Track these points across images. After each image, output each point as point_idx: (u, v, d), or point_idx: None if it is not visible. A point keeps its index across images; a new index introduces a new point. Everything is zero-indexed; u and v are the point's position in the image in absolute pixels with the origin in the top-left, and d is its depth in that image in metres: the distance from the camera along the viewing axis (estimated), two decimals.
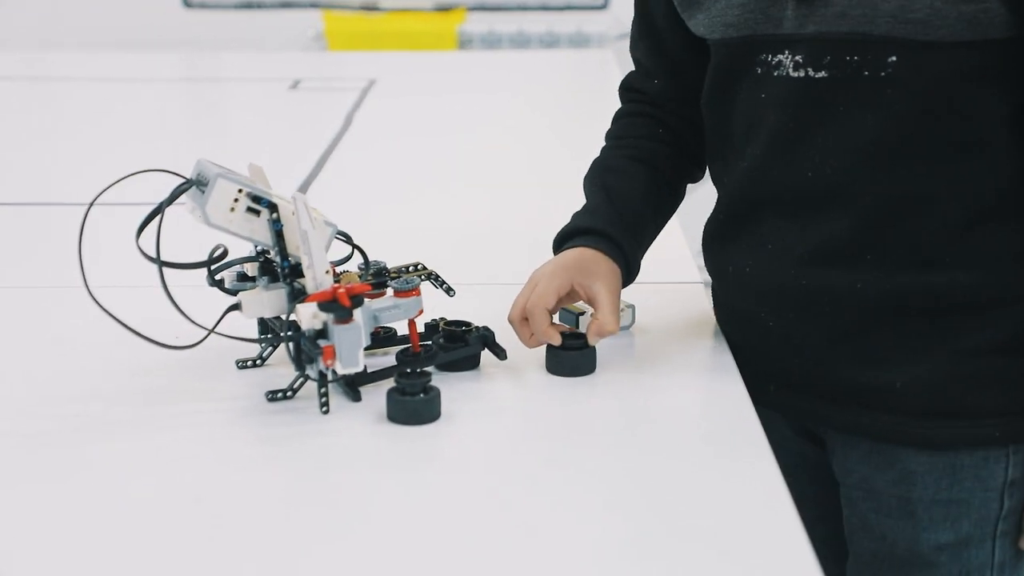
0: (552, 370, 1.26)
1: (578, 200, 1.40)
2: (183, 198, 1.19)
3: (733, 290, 1.35)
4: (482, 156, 2.43)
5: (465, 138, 2.61)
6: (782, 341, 1.30)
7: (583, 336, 1.26)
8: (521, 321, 1.27)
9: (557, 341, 1.25)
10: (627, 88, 1.50)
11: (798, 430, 1.39)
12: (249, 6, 4.23)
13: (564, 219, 1.40)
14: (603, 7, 4.11)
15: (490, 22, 4.12)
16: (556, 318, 1.30)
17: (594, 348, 1.27)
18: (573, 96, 3.25)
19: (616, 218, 1.35)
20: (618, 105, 1.51)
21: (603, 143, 1.48)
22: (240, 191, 1.17)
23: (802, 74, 1.23)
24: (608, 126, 1.50)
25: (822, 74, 1.22)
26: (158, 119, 2.93)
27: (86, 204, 1.18)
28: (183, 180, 1.19)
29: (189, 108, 3.23)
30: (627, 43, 1.51)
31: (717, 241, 1.37)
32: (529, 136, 2.62)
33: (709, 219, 1.39)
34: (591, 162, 1.44)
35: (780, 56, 1.25)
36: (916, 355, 1.25)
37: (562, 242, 1.36)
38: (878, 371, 1.26)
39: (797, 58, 1.23)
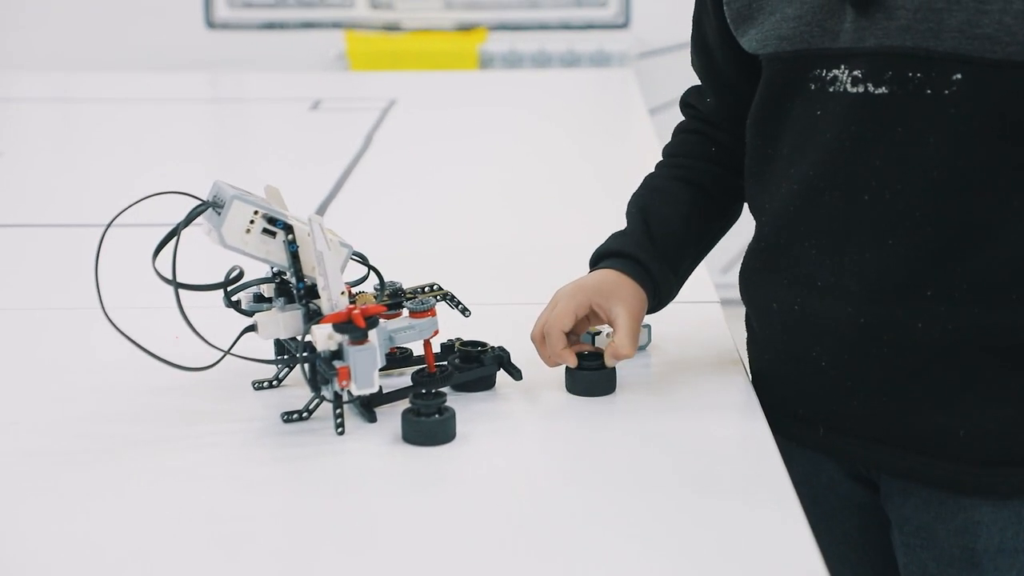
0: (571, 390, 1.26)
1: (598, 220, 1.40)
2: (199, 220, 1.19)
3: (777, 327, 1.29)
4: (501, 175, 2.44)
5: (485, 157, 2.61)
6: (835, 382, 1.24)
7: (601, 356, 1.26)
8: (541, 340, 1.27)
9: (573, 363, 1.25)
10: (684, 104, 1.47)
11: (849, 472, 1.32)
12: (272, 26, 4.25)
13: (583, 239, 1.40)
14: (624, 26, 4.12)
15: (511, 41, 4.13)
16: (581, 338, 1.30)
17: (613, 369, 1.27)
18: (594, 115, 3.25)
19: (648, 242, 1.33)
20: (636, 123, 1.51)
21: (628, 159, 1.46)
22: (256, 213, 1.18)
23: (861, 90, 1.18)
24: (627, 146, 1.49)
25: (882, 90, 1.16)
26: (181, 140, 2.95)
27: (103, 225, 1.19)
28: (199, 202, 1.20)
29: (211, 128, 3.25)
30: (648, 62, 1.50)
31: (757, 274, 1.31)
32: (549, 155, 2.62)
33: (748, 250, 1.33)
34: (643, 178, 1.42)
35: (835, 71, 1.20)
36: (981, 399, 1.19)
37: (595, 263, 1.35)
38: (940, 416, 1.20)
39: (856, 73, 1.18)
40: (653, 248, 1.32)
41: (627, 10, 4.12)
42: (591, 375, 1.25)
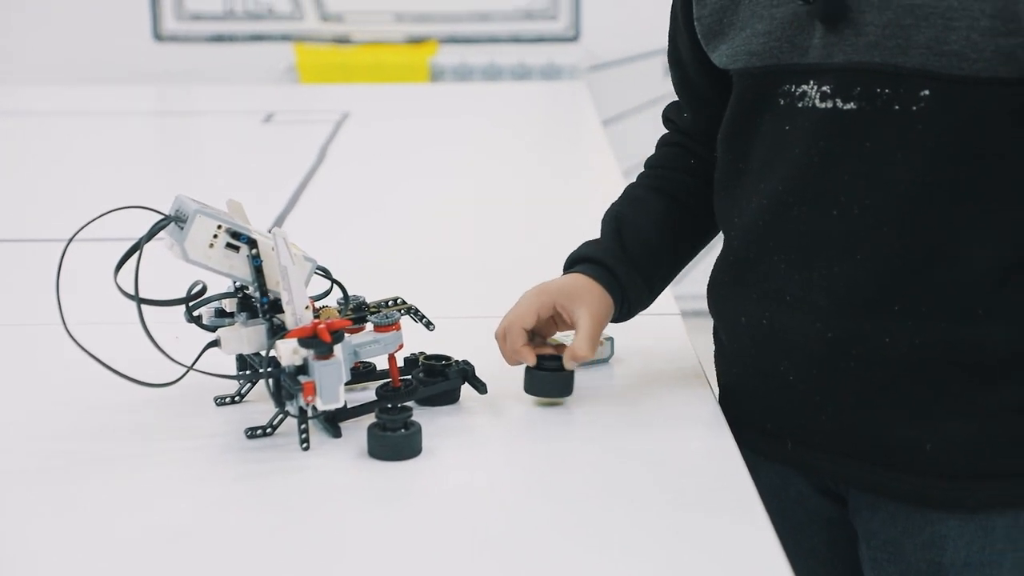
0: (528, 390, 1.26)
1: (558, 231, 1.41)
2: (162, 234, 1.18)
3: (746, 341, 1.29)
4: (458, 188, 2.44)
5: (439, 170, 2.62)
6: (803, 397, 1.24)
7: (560, 358, 1.26)
8: (503, 338, 1.27)
9: (531, 361, 1.25)
10: (665, 118, 1.48)
11: (817, 486, 1.32)
12: (220, 39, 4.23)
13: (544, 251, 1.40)
14: (575, 39, 4.14)
15: (462, 54, 4.14)
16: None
17: (571, 372, 1.27)
18: (548, 128, 3.27)
19: (619, 249, 1.34)
20: (590, 135, 1.50)
21: (584, 170, 1.47)
22: (219, 227, 1.17)
23: (830, 105, 1.19)
24: (582, 157, 1.50)
25: (851, 106, 1.17)
26: (133, 153, 2.92)
27: (62, 240, 1.18)
28: (162, 216, 1.19)
29: (163, 142, 3.23)
30: (599, 75, 1.51)
31: (726, 287, 1.32)
32: (505, 168, 2.63)
33: (716, 263, 1.34)
34: (624, 189, 1.44)
35: (804, 86, 1.21)
36: (948, 414, 1.19)
37: (567, 269, 1.36)
38: (907, 430, 1.20)
39: (824, 88, 1.19)
40: (623, 255, 1.33)
41: (577, 23, 4.15)
42: (547, 376, 1.25)
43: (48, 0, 4.26)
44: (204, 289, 1.22)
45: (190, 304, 1.22)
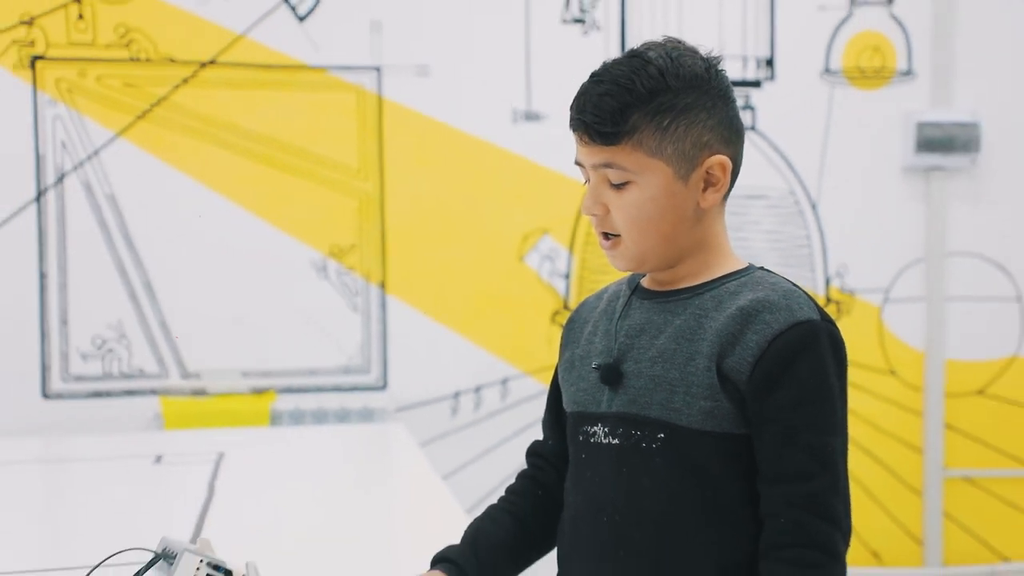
0: None
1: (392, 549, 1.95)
2: (151, 572, 1.48)
3: None
4: (328, 510, 2.77)
5: (307, 501, 2.93)
6: None
7: None
8: None
9: None
10: (529, 453, 1.77)
11: None
12: (99, 395, 4.78)
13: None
14: (383, 388, 4.90)
15: (296, 401, 4.82)
16: None
17: None
18: (376, 466, 3.78)
19: (471, 553, 1.64)
20: (412, 466, 2.08)
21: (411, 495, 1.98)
22: (201, 561, 1.49)
23: (606, 441, 1.50)
24: (407, 485, 2.07)
25: (615, 441, 1.49)
26: (34, 502, 3.07)
27: None
28: (153, 554, 1.50)
29: (56, 490, 3.36)
30: (404, 413, 2.12)
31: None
32: (354, 501, 2.99)
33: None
34: (485, 508, 1.75)
35: (595, 427, 1.53)
36: None
37: (432, 566, 1.66)
38: None
39: (605, 429, 1.51)
40: (475, 559, 1.65)
41: (384, 375, 4.91)
42: None
43: None
44: None
45: None
